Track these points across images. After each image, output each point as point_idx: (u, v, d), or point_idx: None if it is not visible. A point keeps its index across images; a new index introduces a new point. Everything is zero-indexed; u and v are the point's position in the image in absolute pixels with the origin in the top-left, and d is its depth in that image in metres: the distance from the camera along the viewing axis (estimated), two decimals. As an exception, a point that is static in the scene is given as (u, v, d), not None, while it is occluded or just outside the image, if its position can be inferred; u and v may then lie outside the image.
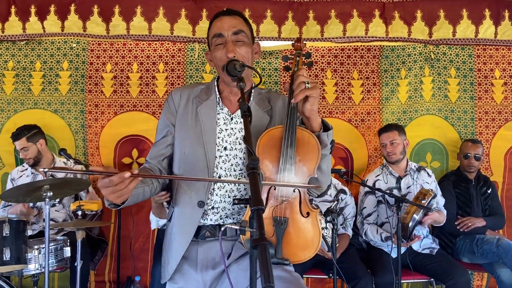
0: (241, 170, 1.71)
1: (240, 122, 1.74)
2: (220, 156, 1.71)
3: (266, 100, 1.79)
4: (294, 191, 1.60)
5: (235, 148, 1.71)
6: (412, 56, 3.79)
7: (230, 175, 1.71)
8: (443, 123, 3.83)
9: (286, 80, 3.76)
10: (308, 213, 1.59)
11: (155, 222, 3.00)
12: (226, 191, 1.71)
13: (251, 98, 1.78)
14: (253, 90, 1.78)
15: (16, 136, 3.44)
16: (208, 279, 1.68)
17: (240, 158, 1.71)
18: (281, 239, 1.54)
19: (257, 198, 1.05)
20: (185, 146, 1.73)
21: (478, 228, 3.36)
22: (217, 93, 1.77)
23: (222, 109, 1.76)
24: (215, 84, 1.80)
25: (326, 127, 1.59)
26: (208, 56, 1.80)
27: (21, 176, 3.53)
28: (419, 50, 3.79)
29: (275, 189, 1.59)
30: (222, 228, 1.67)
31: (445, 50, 3.82)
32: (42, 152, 3.49)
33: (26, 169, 3.55)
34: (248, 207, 1.58)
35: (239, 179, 1.71)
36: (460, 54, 3.82)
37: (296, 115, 1.57)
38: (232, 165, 1.71)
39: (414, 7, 3.54)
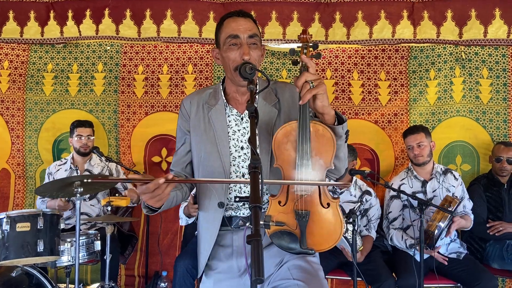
0: None
1: None
2: (239, 156, 1.76)
3: (272, 93, 1.81)
4: None
5: None
6: (442, 56, 3.71)
7: None
8: (474, 125, 3.72)
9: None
10: (328, 204, 1.62)
11: (185, 219, 3.09)
12: None
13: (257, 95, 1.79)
14: (258, 85, 1.77)
15: (87, 123, 3.67)
16: (242, 266, 1.74)
17: (258, 154, 1.76)
18: (305, 231, 1.58)
19: (255, 196, 1.09)
20: (200, 151, 1.79)
21: (509, 233, 3.26)
22: (223, 97, 1.81)
23: (231, 111, 1.80)
24: (221, 88, 1.84)
25: (340, 119, 1.60)
26: (215, 53, 1.81)
27: (58, 170, 3.68)
28: (449, 50, 3.70)
29: None
30: (248, 223, 1.72)
31: (477, 50, 3.71)
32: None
33: (64, 163, 3.71)
34: (271, 202, 1.63)
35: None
36: (493, 54, 3.70)
37: (308, 110, 1.58)
38: None
39: (445, 6, 3.47)
